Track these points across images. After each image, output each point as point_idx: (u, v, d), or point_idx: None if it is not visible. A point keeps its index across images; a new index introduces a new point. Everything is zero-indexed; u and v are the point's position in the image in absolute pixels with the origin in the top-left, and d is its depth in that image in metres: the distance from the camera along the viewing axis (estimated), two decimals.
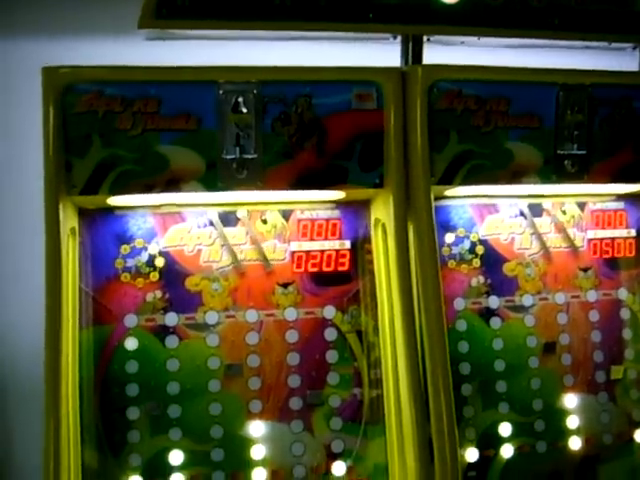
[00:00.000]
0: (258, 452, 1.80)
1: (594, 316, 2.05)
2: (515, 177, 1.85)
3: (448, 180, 1.81)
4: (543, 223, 2.03)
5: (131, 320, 1.80)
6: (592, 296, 2.05)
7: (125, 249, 1.82)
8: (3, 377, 3.23)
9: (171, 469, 1.77)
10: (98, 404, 1.77)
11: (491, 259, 1.99)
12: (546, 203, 2.03)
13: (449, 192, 1.91)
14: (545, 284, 2.02)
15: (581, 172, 1.89)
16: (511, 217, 2.01)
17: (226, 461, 1.79)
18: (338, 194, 1.82)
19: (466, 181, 1.82)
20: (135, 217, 1.83)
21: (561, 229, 2.04)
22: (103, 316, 1.79)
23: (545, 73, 1.85)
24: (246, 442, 1.81)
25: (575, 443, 1.99)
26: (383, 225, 1.83)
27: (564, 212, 2.06)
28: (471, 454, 1.91)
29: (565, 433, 1.99)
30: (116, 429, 1.77)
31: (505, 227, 2.01)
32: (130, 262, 1.81)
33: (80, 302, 1.77)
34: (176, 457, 1.78)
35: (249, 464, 1.80)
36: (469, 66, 1.83)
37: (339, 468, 1.84)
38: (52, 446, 1.57)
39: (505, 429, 1.94)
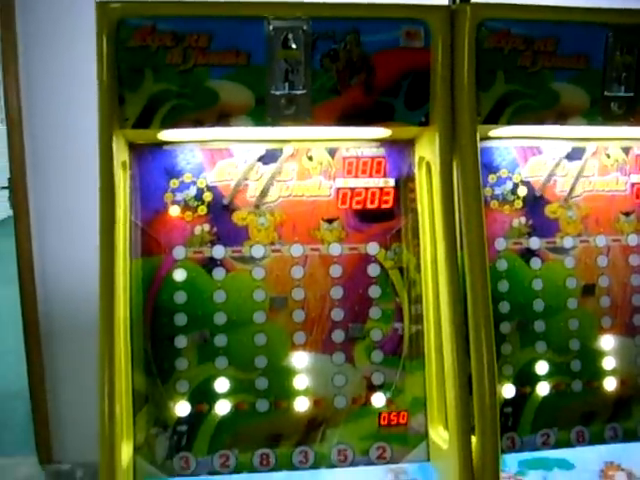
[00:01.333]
0: (301, 382, 1.86)
1: (634, 260, 2.06)
2: (560, 118, 1.85)
3: (494, 120, 1.81)
4: (586, 166, 2.03)
5: (179, 252, 1.85)
6: (633, 240, 2.06)
7: (174, 183, 1.86)
8: (50, 314, 3.34)
9: (217, 396, 1.84)
10: (148, 332, 1.83)
11: (533, 201, 2.00)
12: (590, 146, 2.03)
13: (493, 133, 1.91)
14: (586, 227, 2.03)
15: (628, 114, 1.87)
16: (554, 159, 2.02)
17: (270, 390, 1.85)
18: (384, 132, 1.83)
19: (511, 121, 1.82)
20: (184, 152, 1.86)
21: (604, 172, 2.04)
22: (152, 248, 1.84)
23: (595, 13, 1.84)
24: (289, 372, 1.86)
25: (610, 384, 2.01)
26: (427, 164, 1.84)
27: (608, 156, 2.06)
28: (508, 390, 1.95)
29: (601, 374, 2.02)
30: (165, 357, 1.83)
31: (548, 169, 2.01)
32: (179, 196, 1.86)
33: (130, 234, 1.81)
34: (222, 384, 1.84)
35: (292, 393, 1.86)
36: (518, 5, 1.81)
37: (379, 400, 1.89)
38: (107, 372, 1.61)
39: (542, 367, 1.97)
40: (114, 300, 1.65)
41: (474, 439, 1.73)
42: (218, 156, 1.87)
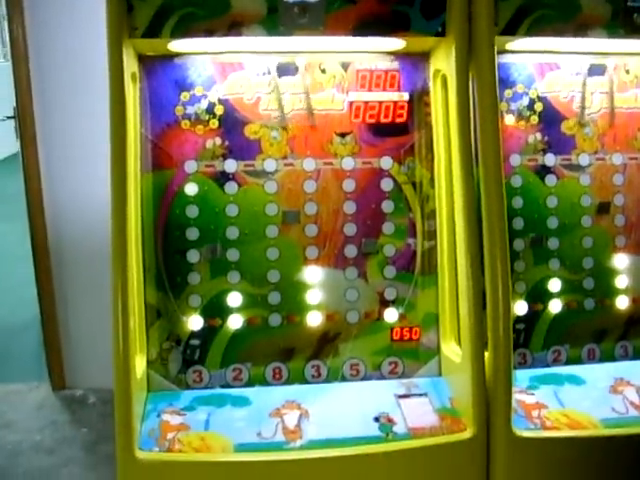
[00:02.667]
0: (313, 297, 1.86)
1: None
2: (581, 30, 1.80)
3: (512, 30, 1.77)
4: (605, 82, 1.99)
5: (191, 166, 1.83)
6: None
7: (185, 96, 1.83)
8: (59, 240, 3.34)
9: (229, 310, 1.85)
10: (160, 247, 1.82)
11: (549, 116, 1.97)
12: (609, 61, 1.99)
13: (510, 46, 1.87)
14: (603, 144, 2.00)
15: None
16: (572, 74, 1.98)
17: (282, 304, 1.86)
18: (399, 43, 1.79)
19: (530, 32, 1.77)
20: (195, 64, 1.83)
21: (623, 89, 2.00)
22: (164, 161, 1.83)
23: None
24: (302, 287, 1.86)
25: (622, 302, 2.01)
26: (443, 76, 1.81)
27: (628, 72, 2.01)
28: (520, 307, 1.95)
29: (613, 292, 2.02)
30: (177, 271, 1.83)
31: (565, 84, 1.98)
32: (190, 109, 1.84)
33: (141, 147, 1.80)
34: (234, 299, 1.85)
35: (304, 308, 1.87)
36: None
37: (391, 315, 1.90)
38: (120, 287, 1.61)
39: (555, 285, 1.97)
40: (126, 215, 1.63)
41: (487, 354, 1.73)
42: (230, 69, 1.84)
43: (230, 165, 1.84)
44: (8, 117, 3.80)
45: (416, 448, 1.66)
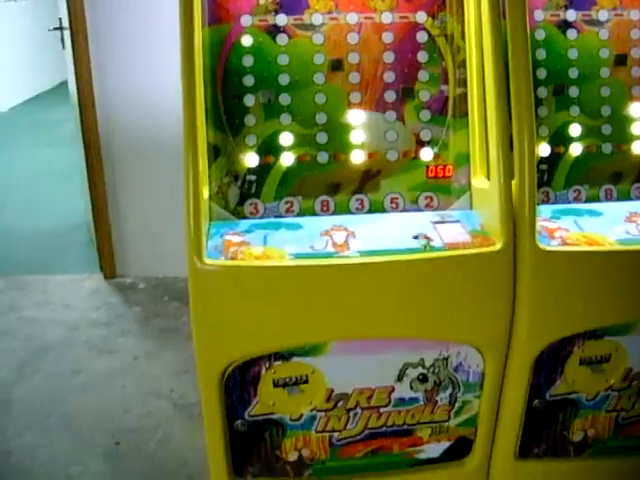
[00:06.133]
0: (357, 137, 2.07)
1: None
2: None
3: None
4: None
5: (246, 20, 2.03)
6: None
7: None
8: (109, 132, 3.56)
9: (282, 149, 2.06)
10: (220, 93, 2.03)
11: None
12: None
13: None
14: (621, 1, 2.16)
15: None
16: None
17: (329, 143, 2.06)
18: None
19: None
20: None
21: None
22: (222, 16, 2.02)
23: None
24: (347, 128, 2.07)
25: (638, 147, 2.19)
26: None
27: None
28: (543, 149, 2.14)
29: (630, 138, 2.19)
30: (235, 114, 2.04)
31: None
32: None
33: (202, 3, 1.99)
34: (286, 138, 2.05)
35: (349, 147, 2.07)
36: None
37: (426, 154, 2.10)
38: (190, 127, 1.82)
39: (575, 130, 2.16)
40: (194, 65, 1.83)
41: (513, 182, 1.93)
42: None
43: (281, 19, 2.03)
44: (55, 28, 4.02)
45: (452, 257, 1.88)
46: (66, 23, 3.64)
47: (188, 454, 2.49)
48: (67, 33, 3.62)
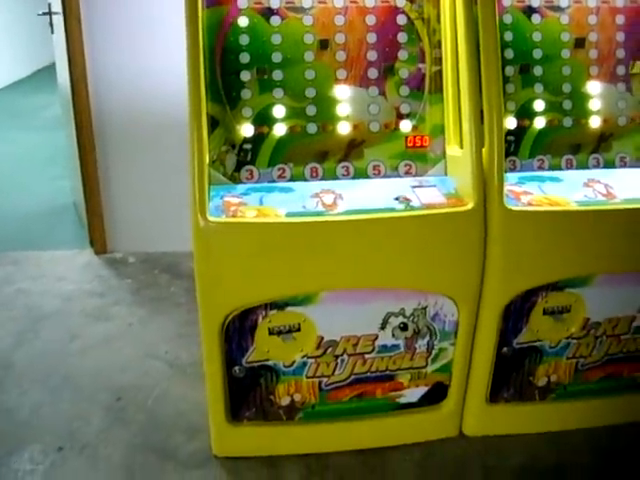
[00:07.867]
0: (343, 109, 2.28)
1: (620, 19, 2.43)
2: None
3: None
4: None
5: (242, 2, 2.23)
6: (620, 2, 2.42)
7: None
8: (101, 110, 3.71)
9: (275, 120, 2.27)
10: (218, 69, 2.22)
11: None
12: None
13: None
14: None
15: None
16: None
17: (318, 115, 2.28)
18: None
19: None
20: None
21: None
22: None
23: None
24: (334, 101, 2.28)
25: (595, 122, 2.44)
26: None
27: None
28: (510, 122, 2.37)
29: (588, 113, 2.43)
30: (232, 88, 2.24)
31: None
32: None
33: None
34: (279, 111, 2.26)
35: (336, 118, 2.29)
36: None
37: (405, 126, 2.32)
38: (194, 100, 2.03)
39: (539, 105, 2.39)
40: (198, 41, 2.04)
41: (484, 151, 2.16)
42: None
43: (274, 2, 2.23)
44: (44, 12, 4.15)
45: (429, 215, 2.11)
46: (56, 8, 3.78)
47: (185, 406, 2.68)
48: (58, 18, 3.75)
